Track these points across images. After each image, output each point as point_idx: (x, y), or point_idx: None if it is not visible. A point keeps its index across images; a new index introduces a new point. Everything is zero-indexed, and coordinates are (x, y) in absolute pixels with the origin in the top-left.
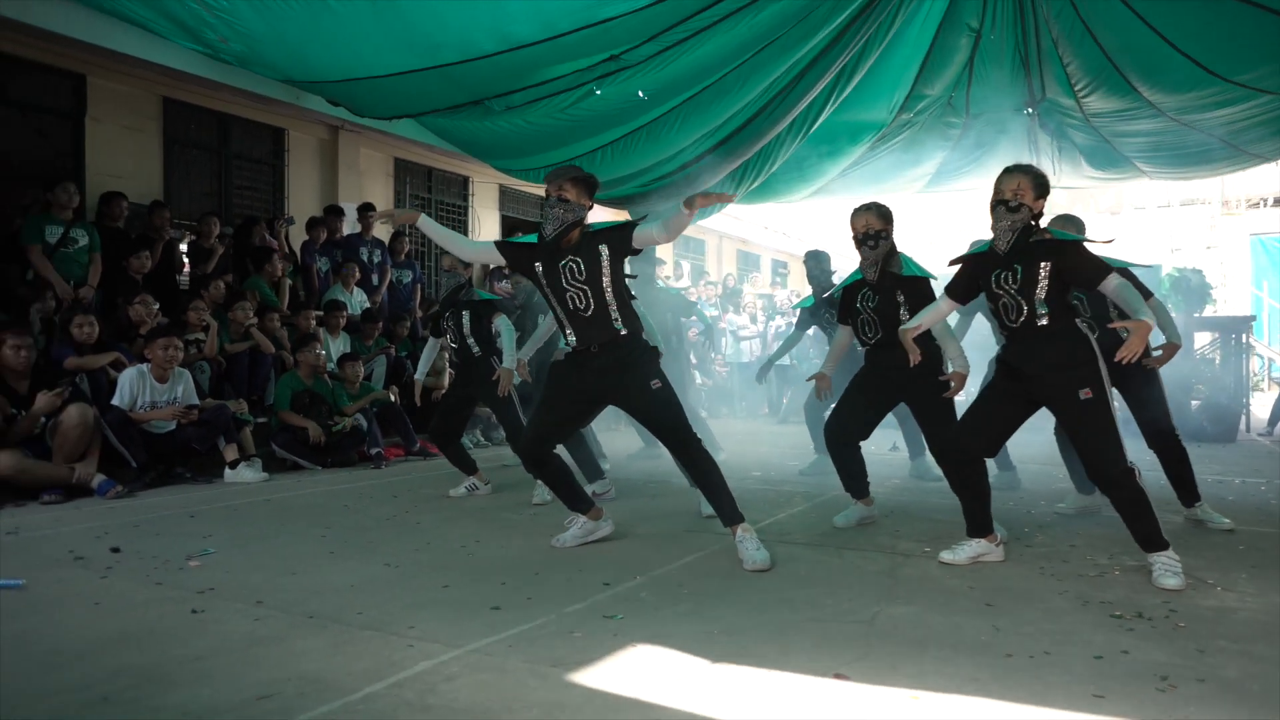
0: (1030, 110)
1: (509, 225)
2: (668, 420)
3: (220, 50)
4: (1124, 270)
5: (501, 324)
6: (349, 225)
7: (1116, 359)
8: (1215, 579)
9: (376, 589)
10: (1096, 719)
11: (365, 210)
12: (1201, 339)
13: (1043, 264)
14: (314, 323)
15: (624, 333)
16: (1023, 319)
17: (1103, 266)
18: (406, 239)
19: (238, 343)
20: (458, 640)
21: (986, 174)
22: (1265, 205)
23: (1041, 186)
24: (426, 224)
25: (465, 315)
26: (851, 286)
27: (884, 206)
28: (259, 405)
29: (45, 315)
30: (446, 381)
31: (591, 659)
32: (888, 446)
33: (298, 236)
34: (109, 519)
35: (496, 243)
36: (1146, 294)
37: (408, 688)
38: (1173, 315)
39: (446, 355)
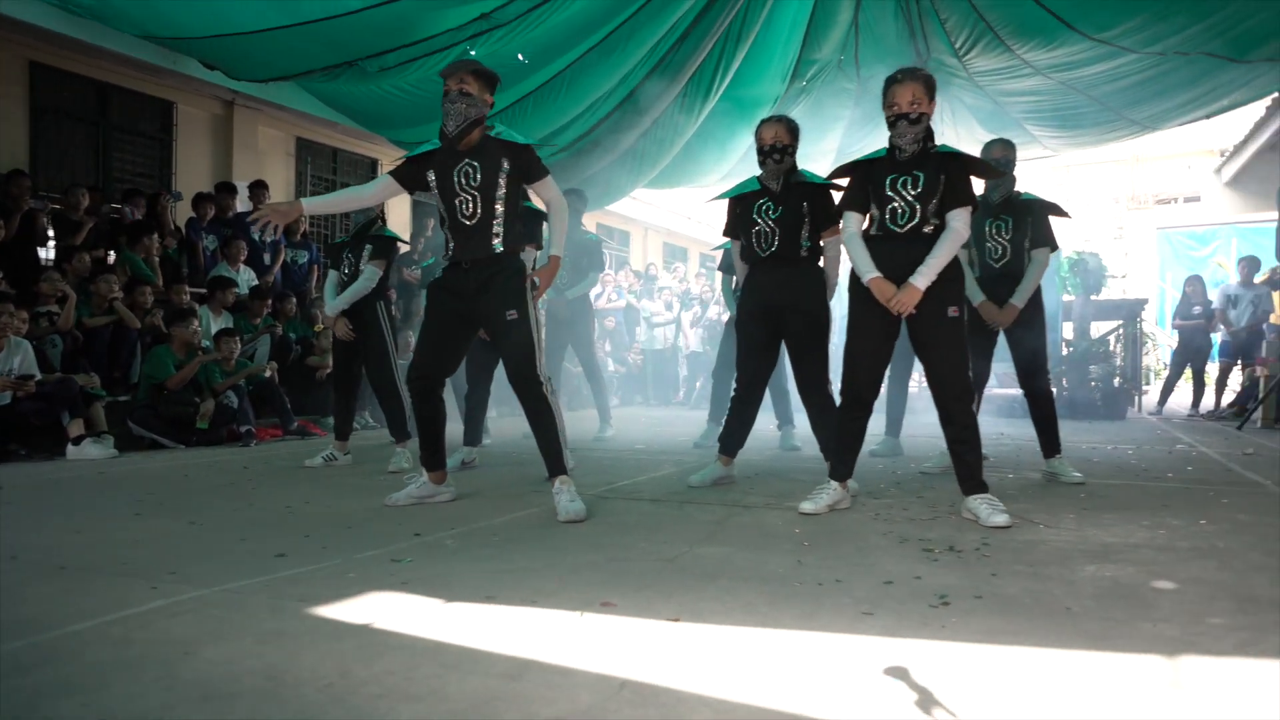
0: None
1: (420, 209)
2: (516, 354)
3: (68, 2)
4: (1055, 209)
5: (369, 272)
6: (242, 203)
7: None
8: (1042, 519)
9: (162, 544)
10: (853, 635)
11: (256, 188)
12: (1102, 327)
13: (940, 175)
14: (188, 297)
15: (499, 251)
16: (911, 225)
17: (969, 198)
18: (304, 219)
19: (99, 316)
20: (213, 582)
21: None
22: (1175, 203)
23: (933, 89)
24: (313, 205)
25: (367, 250)
26: (746, 196)
27: (793, 121)
28: (122, 383)
29: None
30: (331, 361)
31: (345, 595)
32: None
33: (185, 213)
34: None
35: (391, 173)
36: (1046, 239)
37: (119, 625)
38: (1072, 298)
39: (330, 337)
